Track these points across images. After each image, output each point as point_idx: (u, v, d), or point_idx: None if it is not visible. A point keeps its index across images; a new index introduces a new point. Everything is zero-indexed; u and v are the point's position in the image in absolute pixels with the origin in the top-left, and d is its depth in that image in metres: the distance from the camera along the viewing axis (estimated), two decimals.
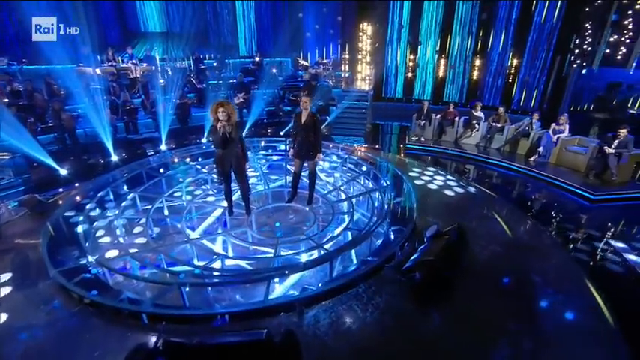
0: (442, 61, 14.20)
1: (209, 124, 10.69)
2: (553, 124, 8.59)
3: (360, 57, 15.07)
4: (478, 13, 13.09)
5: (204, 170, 7.07)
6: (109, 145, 8.30)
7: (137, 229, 5.33)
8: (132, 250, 4.54)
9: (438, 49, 14.08)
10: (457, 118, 10.05)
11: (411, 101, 14.85)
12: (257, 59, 13.87)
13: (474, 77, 13.86)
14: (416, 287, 3.92)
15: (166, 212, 5.75)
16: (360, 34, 14.83)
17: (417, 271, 4.05)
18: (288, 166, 6.75)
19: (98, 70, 9.80)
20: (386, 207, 5.45)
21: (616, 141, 7.33)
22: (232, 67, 13.58)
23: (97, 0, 11.65)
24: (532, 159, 8.62)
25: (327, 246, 4.54)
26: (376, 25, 14.46)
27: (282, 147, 8.26)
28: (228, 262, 4.51)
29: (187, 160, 7.53)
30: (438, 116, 10.23)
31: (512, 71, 12.90)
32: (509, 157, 9.01)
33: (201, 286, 3.98)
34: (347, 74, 14.41)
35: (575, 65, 11.52)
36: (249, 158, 4.84)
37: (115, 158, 8.06)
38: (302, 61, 13.86)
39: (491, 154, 9.21)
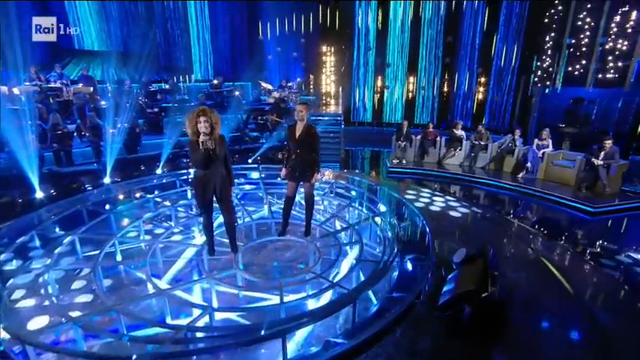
0: (411, 84, 14.58)
1: (166, 151, 10.20)
2: (536, 140, 8.81)
3: (326, 80, 15.11)
4: (443, 37, 13.74)
5: (166, 203, 6.14)
6: (34, 179, 6.98)
7: (78, 284, 4.25)
8: (72, 314, 3.44)
9: (407, 71, 14.48)
10: (438, 138, 10.06)
11: (382, 125, 14.97)
12: (216, 82, 13.35)
13: (444, 100, 14.33)
14: (464, 324, 3.35)
15: (120, 257, 4.74)
16: (325, 56, 14.96)
17: (461, 305, 3.50)
18: (267, 196, 6.13)
19: (16, 90, 8.57)
20: (392, 233, 4.93)
21: (602, 152, 7.58)
22: (187, 91, 12.92)
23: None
24: (520, 175, 8.70)
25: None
26: (342, 47, 14.67)
27: (255, 175, 7.60)
28: (218, 315, 3.65)
29: (141, 194, 6.55)
30: (418, 137, 10.18)
31: (481, 93, 13.50)
32: (495, 175, 9.06)
33: (189, 355, 3.04)
34: (313, 98, 14.28)
35: (539, 85, 12.26)
36: (234, 182, 4.13)
37: (40, 194, 6.73)
38: (265, 85, 13.53)
39: (477, 173, 9.22)
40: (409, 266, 4.51)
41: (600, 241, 5.76)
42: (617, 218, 6.86)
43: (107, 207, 5.93)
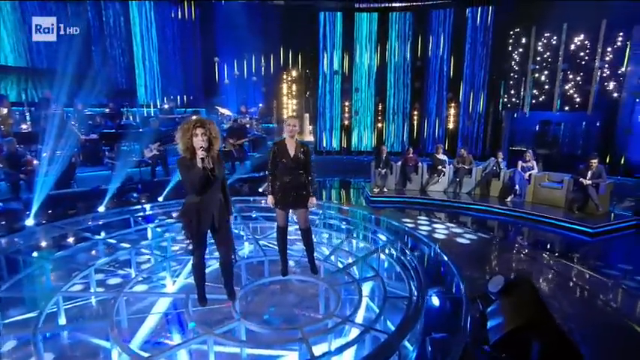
0: (381, 110, 14.89)
1: (114, 185, 9.24)
2: (520, 162, 9.12)
3: (289, 106, 14.99)
4: (411, 65, 14.36)
5: (125, 245, 5.32)
6: None
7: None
8: None
9: (376, 98, 14.82)
10: (420, 164, 10.13)
11: (352, 153, 14.99)
12: (166, 107, 12.66)
13: (414, 126, 14.75)
14: None
15: (63, 320, 3.85)
16: (287, 81, 14.93)
17: (517, 342, 3.17)
18: (241, 232, 5.66)
19: None
20: (410, 264, 4.60)
21: (589, 172, 7.97)
22: (133, 117, 12.12)
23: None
24: (509, 199, 8.89)
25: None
26: (306, 71, 14.76)
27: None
28: None
29: (84, 235, 5.66)
30: (398, 163, 10.19)
31: (452, 120, 14.10)
32: (483, 200, 9.20)
33: None
34: (274, 125, 14.07)
35: (508, 110, 13.06)
36: (233, 210, 3.61)
37: None
38: (223, 110, 13.10)
39: (464, 199, 9.32)
40: (435, 300, 4.15)
41: (614, 262, 5.87)
42: (615, 238, 7.13)
43: (34, 254, 5.02)
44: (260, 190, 9.31)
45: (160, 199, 8.34)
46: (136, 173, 9.57)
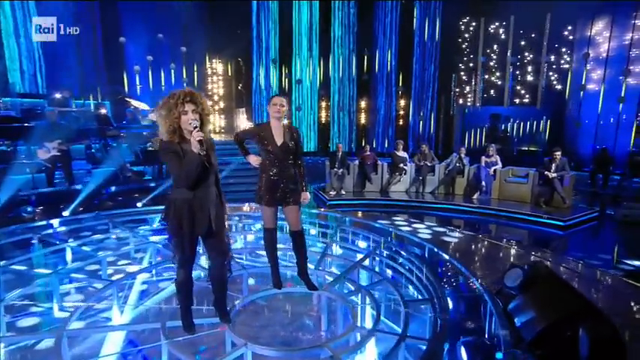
0: (325, 105, 15.03)
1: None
2: (483, 157, 9.72)
3: (218, 99, 14.48)
4: (357, 55, 14.73)
5: (42, 270, 4.59)
6: None
7: None
8: None
9: (321, 91, 14.92)
10: (379, 162, 10.34)
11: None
12: (59, 96, 11.36)
13: (362, 123, 15.12)
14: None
15: None
16: (215, 70, 14.42)
17: (557, 337, 3.28)
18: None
19: None
20: (414, 265, 4.61)
21: (553, 164, 8.73)
22: (11, 106, 10.71)
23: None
24: (475, 197, 9.40)
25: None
26: (237, 59, 14.38)
27: (156, 223, 6.58)
28: None
29: None
30: (356, 162, 10.31)
31: (402, 115, 14.72)
32: (448, 198, 9.62)
33: None
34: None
35: (460, 104, 14.00)
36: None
37: None
38: (135, 103, 12.22)
39: (428, 199, 9.66)
40: (449, 304, 4.17)
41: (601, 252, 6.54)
42: (586, 229, 7.90)
43: None
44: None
45: (66, 213, 7.45)
46: (28, 181, 8.42)
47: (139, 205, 8.27)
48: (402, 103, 14.72)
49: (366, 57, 14.82)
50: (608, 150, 11.25)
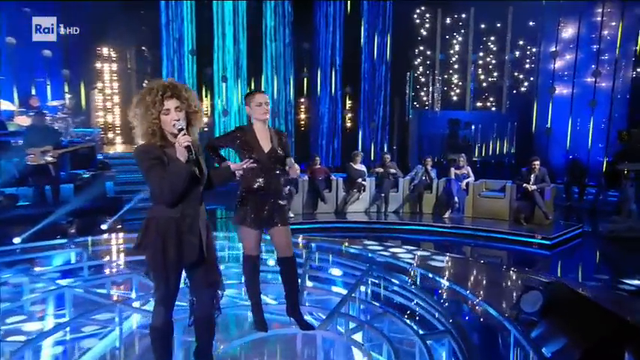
0: None
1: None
2: (452, 169, 10.33)
3: (113, 99, 13.92)
4: (293, 52, 14.96)
5: None
6: None
7: None
8: None
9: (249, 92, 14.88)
10: (332, 177, 10.56)
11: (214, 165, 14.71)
12: None
13: (302, 131, 15.35)
14: None
15: None
16: (109, 60, 13.85)
17: None
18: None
19: None
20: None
21: (532, 175, 9.51)
22: None
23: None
24: (447, 215, 9.92)
25: None
26: (140, 47, 13.96)
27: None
28: None
29: None
30: (305, 177, 10.45)
31: (349, 123, 15.18)
32: (415, 218, 10.09)
33: None
34: (94, 130, 13.06)
35: (416, 109, 14.78)
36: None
37: None
38: None
39: (392, 219, 10.07)
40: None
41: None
42: (573, 247, 8.68)
43: None
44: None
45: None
46: None
47: (16, 240, 7.70)
48: (350, 107, 15.19)
49: (306, 46, 15.09)
50: (579, 160, 12.50)
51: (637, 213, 9.14)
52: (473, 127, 14.95)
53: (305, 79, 15.45)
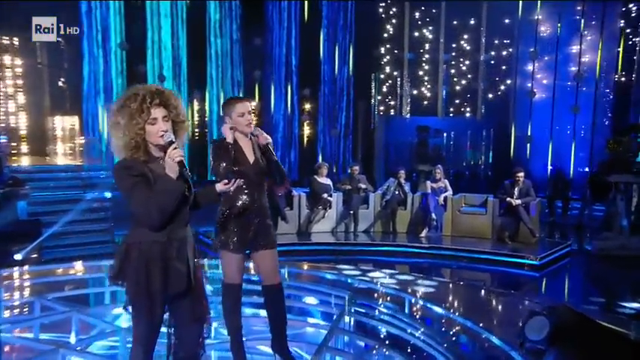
0: (198, 110, 14.92)
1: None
2: (429, 182, 10.56)
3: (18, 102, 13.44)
4: (241, 49, 14.91)
5: None
6: None
7: None
8: None
9: (191, 94, 14.75)
10: (294, 193, 10.57)
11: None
12: None
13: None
14: None
15: None
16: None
17: None
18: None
19: None
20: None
21: (516, 189, 9.84)
22: None
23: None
24: (423, 234, 10.11)
25: None
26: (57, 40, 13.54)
27: None
28: None
29: None
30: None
31: (308, 132, 15.26)
32: (388, 238, 10.24)
33: None
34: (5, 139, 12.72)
35: (382, 114, 15.04)
36: None
37: None
38: None
39: (363, 240, 10.17)
40: None
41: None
42: (562, 267, 9.04)
43: None
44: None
45: None
46: None
47: None
48: (308, 113, 15.26)
49: (258, 42, 15.04)
50: (562, 171, 13.03)
51: (628, 229, 9.56)
52: (445, 134, 15.31)
53: (256, 82, 15.37)
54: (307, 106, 15.30)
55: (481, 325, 5.19)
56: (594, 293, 7.79)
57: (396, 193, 10.65)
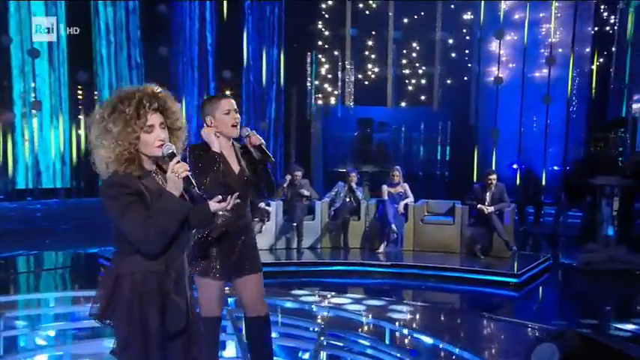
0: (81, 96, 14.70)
1: None
2: (385, 187, 10.88)
3: None
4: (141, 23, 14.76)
5: None
6: None
7: None
8: None
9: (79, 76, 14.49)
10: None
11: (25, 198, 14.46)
12: None
13: None
14: None
15: None
16: None
17: None
18: None
19: None
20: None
21: (488, 193, 10.37)
22: None
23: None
24: (381, 249, 10.41)
25: None
26: None
27: None
28: None
29: None
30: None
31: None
32: (340, 255, 10.50)
33: None
34: None
35: (320, 103, 15.28)
36: None
37: None
38: None
39: (308, 257, 10.35)
40: None
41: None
42: (543, 284, 9.60)
43: None
44: None
45: None
46: None
47: None
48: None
49: (159, 22, 14.95)
50: (534, 172, 13.68)
51: (615, 239, 10.19)
52: (394, 127, 15.73)
53: (162, 62, 15.22)
54: (228, 94, 15.31)
55: (486, 356, 5.53)
56: (583, 314, 8.20)
57: (347, 200, 10.84)
